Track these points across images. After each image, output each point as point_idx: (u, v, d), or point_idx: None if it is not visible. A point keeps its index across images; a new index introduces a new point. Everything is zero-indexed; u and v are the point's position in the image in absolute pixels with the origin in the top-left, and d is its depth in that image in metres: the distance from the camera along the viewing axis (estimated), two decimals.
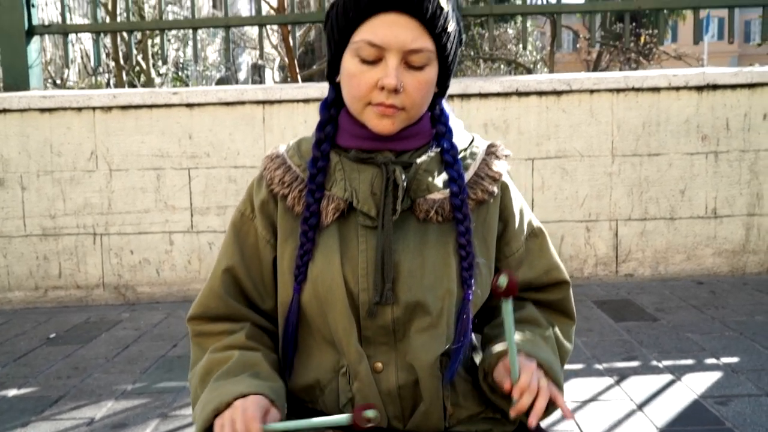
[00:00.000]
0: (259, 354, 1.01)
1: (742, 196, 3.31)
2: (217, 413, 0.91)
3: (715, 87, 3.26)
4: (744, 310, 2.80)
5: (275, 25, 8.24)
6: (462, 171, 1.01)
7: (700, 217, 3.31)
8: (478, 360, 1.13)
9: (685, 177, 3.30)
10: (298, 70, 7.96)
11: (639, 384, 2.09)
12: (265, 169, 1.06)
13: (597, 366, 2.24)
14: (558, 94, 3.26)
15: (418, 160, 1.01)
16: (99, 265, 3.35)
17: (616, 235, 3.32)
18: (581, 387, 2.08)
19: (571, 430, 1.81)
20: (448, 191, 1.00)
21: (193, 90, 3.35)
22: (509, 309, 0.88)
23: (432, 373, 1.00)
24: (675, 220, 3.32)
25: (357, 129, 1.01)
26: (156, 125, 3.29)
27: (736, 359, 2.25)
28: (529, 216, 1.11)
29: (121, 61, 11.04)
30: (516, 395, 0.92)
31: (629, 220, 3.32)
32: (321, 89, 3.15)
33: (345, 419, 0.88)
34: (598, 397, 2.01)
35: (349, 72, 0.97)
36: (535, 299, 1.12)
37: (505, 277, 0.86)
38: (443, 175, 1.01)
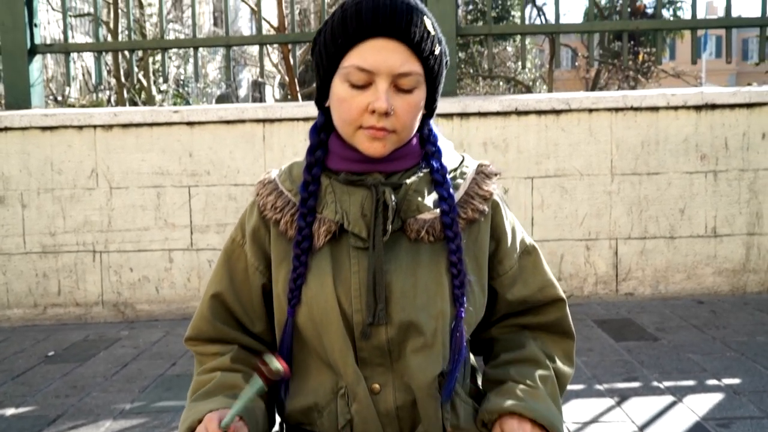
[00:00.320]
0: (240, 375, 1.04)
1: (742, 215, 3.31)
2: (191, 430, 0.96)
3: (713, 106, 3.28)
4: (745, 330, 2.79)
5: (276, 44, 8.30)
6: (451, 190, 1.03)
7: (700, 236, 3.31)
8: (479, 379, 1.14)
9: (685, 196, 3.30)
10: (298, 88, 8.00)
11: (640, 405, 2.08)
12: (257, 195, 1.08)
13: (598, 386, 2.23)
14: (557, 113, 3.28)
15: (408, 181, 1.02)
16: (98, 282, 3.34)
17: (616, 253, 3.32)
18: (582, 408, 2.06)
19: None
20: (438, 211, 1.01)
21: (193, 108, 3.37)
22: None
23: (430, 394, 1.01)
24: (675, 239, 3.32)
25: (347, 152, 1.02)
26: (156, 143, 3.30)
27: (737, 380, 2.24)
28: (521, 234, 1.12)
29: (123, 78, 11.10)
30: None
31: (629, 238, 3.32)
32: None
33: (258, 383, 0.91)
34: (599, 419, 2.00)
35: (340, 97, 0.99)
36: (534, 324, 1.13)
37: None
38: (433, 195, 1.03)
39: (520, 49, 4.05)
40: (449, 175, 1.04)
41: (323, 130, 1.05)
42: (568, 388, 1.14)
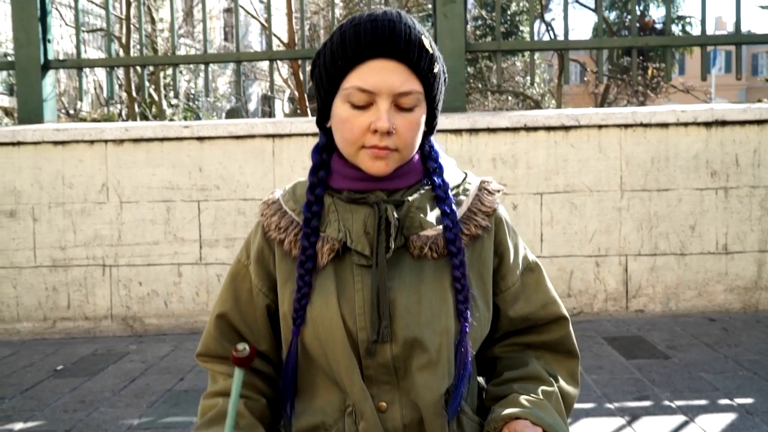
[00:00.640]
0: (242, 402, 1.05)
1: (753, 232, 3.29)
2: None
3: (723, 123, 3.27)
4: (757, 348, 2.76)
5: (286, 59, 8.35)
6: (454, 206, 1.03)
7: (710, 253, 3.29)
8: (485, 397, 1.13)
9: (695, 212, 3.29)
10: (307, 103, 8.04)
11: (651, 425, 2.05)
12: (262, 215, 1.09)
13: (608, 405, 2.21)
14: (566, 129, 3.27)
15: (410, 198, 1.03)
16: (107, 296, 3.35)
17: (626, 270, 3.30)
18: (592, 427, 2.04)
19: None
20: (441, 227, 1.02)
21: (203, 123, 3.39)
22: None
23: (436, 412, 1.01)
24: (685, 255, 3.30)
25: (349, 170, 1.03)
26: (167, 158, 3.32)
27: (750, 400, 2.21)
28: (524, 250, 1.13)
29: (134, 92, 11.20)
30: None
31: (639, 255, 3.30)
32: None
33: (238, 372, 0.95)
34: None
35: (341, 117, 1.00)
36: (537, 342, 1.12)
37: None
38: (436, 212, 1.03)
39: (529, 64, 4.05)
40: (452, 192, 1.05)
41: (325, 151, 1.06)
42: (578, 406, 1.14)
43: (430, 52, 0.99)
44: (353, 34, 0.97)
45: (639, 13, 17.92)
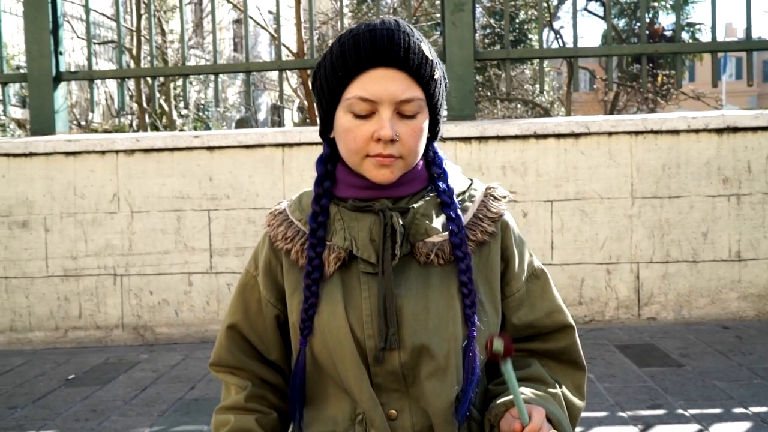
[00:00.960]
0: (253, 419, 1.06)
1: (767, 239, 3.26)
2: None
3: (735, 129, 3.25)
4: None
5: (295, 69, 8.39)
6: (459, 211, 1.04)
7: (723, 260, 3.26)
8: None
9: (707, 219, 3.26)
10: (317, 113, 8.07)
11: None
12: (268, 226, 1.10)
13: (621, 414, 2.19)
14: (576, 136, 3.27)
15: (416, 205, 1.03)
16: (118, 305, 3.36)
17: (638, 277, 3.28)
18: None
19: None
20: (447, 234, 1.02)
21: (213, 133, 3.41)
22: (509, 370, 0.91)
23: (446, 419, 1.00)
24: (698, 263, 3.27)
25: (354, 179, 1.04)
26: (177, 168, 3.34)
27: (765, 408, 2.18)
28: (530, 257, 1.12)
29: (144, 103, 11.28)
30: None
31: (651, 262, 3.28)
32: None
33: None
34: None
35: (344, 128, 1.00)
36: (541, 350, 1.11)
37: (500, 342, 0.89)
38: (441, 218, 1.04)
39: (537, 72, 4.05)
40: (457, 198, 1.05)
41: (329, 161, 1.07)
42: (591, 414, 1.12)
43: (430, 58, 1.00)
44: (353, 44, 0.98)
45: (648, 20, 17.89)
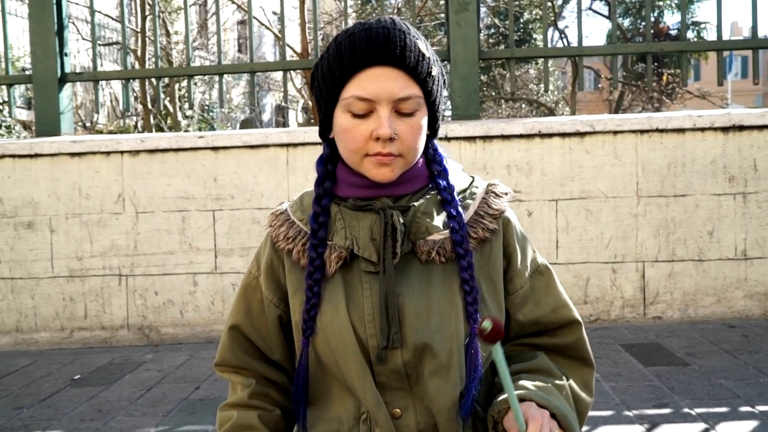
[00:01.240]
0: (256, 415, 1.07)
1: None
2: None
3: (741, 128, 3.23)
4: None
5: (299, 70, 8.41)
6: (460, 208, 1.03)
7: (729, 259, 3.25)
8: None
9: (713, 218, 3.25)
10: None
11: None
12: (270, 226, 1.10)
13: (627, 413, 2.18)
14: (581, 135, 3.26)
15: (416, 203, 1.03)
16: (124, 306, 3.37)
17: (643, 276, 3.27)
18: None
19: None
20: (448, 231, 1.02)
21: (218, 134, 3.41)
22: (500, 354, 0.88)
23: (450, 417, 1.00)
24: (704, 261, 3.26)
25: (354, 178, 1.04)
26: (182, 168, 3.34)
27: None
28: (533, 253, 1.11)
29: (149, 104, 11.31)
30: None
31: (656, 261, 3.26)
32: None
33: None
34: None
35: (343, 127, 1.00)
36: (548, 345, 1.10)
37: (489, 322, 0.86)
38: (443, 216, 1.03)
39: (542, 71, 4.05)
40: (459, 196, 1.05)
41: (330, 161, 1.07)
42: (596, 413, 1.10)
43: (427, 55, 0.99)
44: (348, 44, 0.98)
45: (653, 19, 17.85)
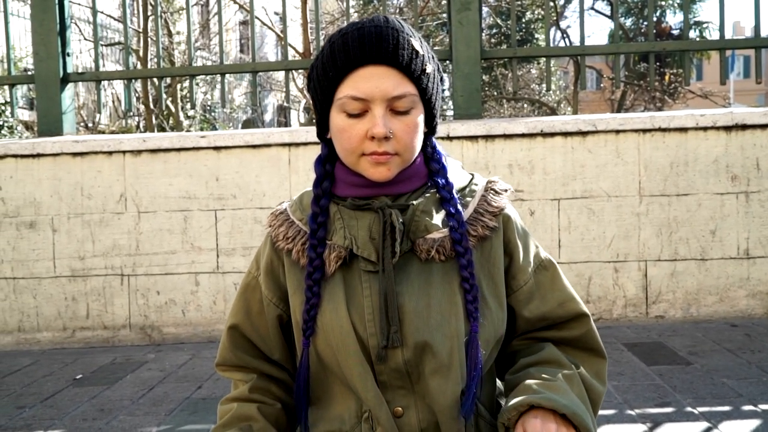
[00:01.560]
0: (255, 407, 1.07)
1: None
2: None
3: (744, 127, 3.23)
4: None
5: (301, 69, 8.42)
6: (459, 206, 1.03)
7: (732, 258, 3.25)
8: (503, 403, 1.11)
9: (716, 217, 3.24)
10: None
11: (674, 431, 2.02)
12: (270, 226, 1.10)
13: (629, 412, 2.18)
14: (583, 134, 3.25)
15: (415, 202, 1.03)
16: (126, 305, 3.37)
17: (646, 275, 3.27)
18: None
19: None
20: (447, 229, 1.01)
21: (220, 134, 3.41)
22: None
23: (452, 416, 1.00)
24: (706, 260, 3.25)
25: (353, 178, 1.04)
26: (184, 168, 3.34)
27: None
28: (536, 248, 1.11)
29: (151, 104, 11.32)
30: None
31: (659, 260, 3.26)
32: None
33: None
34: None
35: (339, 127, 1.00)
36: (556, 338, 1.09)
37: None
38: (442, 214, 1.03)
39: (544, 71, 4.04)
40: (458, 193, 1.05)
41: (328, 161, 1.07)
42: (599, 412, 1.09)
43: (421, 52, 0.99)
44: (341, 44, 0.98)
45: (655, 18, 17.82)
